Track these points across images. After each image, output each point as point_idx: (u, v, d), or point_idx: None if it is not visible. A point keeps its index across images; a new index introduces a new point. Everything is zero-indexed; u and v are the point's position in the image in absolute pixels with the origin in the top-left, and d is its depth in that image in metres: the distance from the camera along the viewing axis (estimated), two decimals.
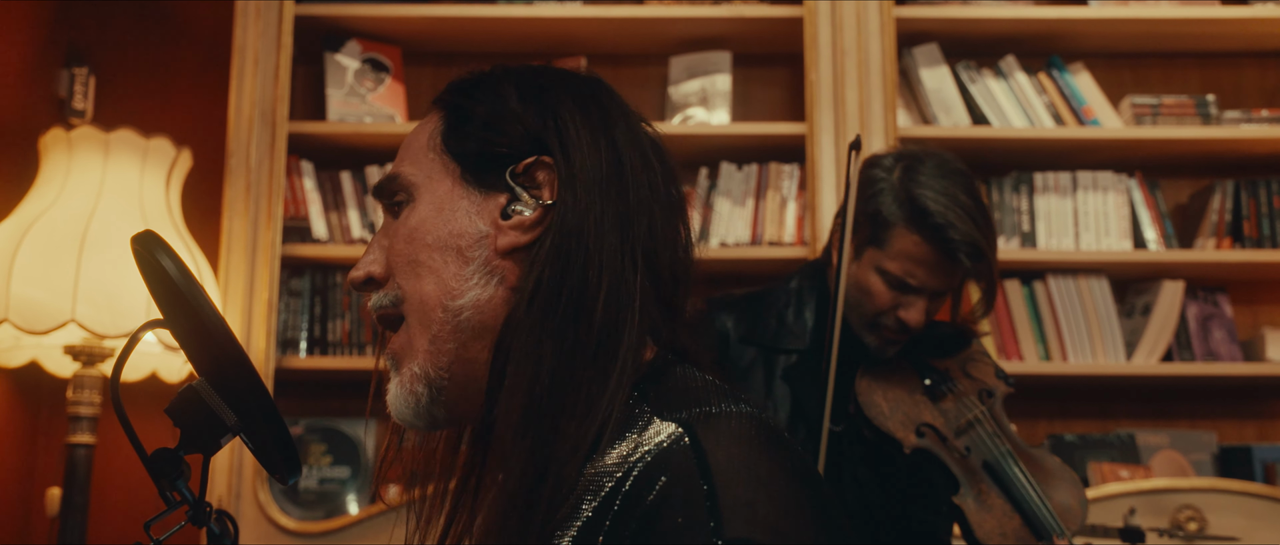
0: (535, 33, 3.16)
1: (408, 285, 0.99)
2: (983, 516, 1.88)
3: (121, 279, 2.61)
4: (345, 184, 3.05)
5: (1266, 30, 3.16)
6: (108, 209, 2.67)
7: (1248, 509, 2.74)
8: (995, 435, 1.94)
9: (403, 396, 1.00)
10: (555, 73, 1.06)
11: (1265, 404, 3.15)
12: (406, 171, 1.03)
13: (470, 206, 0.99)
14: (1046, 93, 3.09)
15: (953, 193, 1.86)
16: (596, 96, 1.04)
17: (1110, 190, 3.05)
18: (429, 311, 0.98)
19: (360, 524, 2.77)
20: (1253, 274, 3.13)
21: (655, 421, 0.90)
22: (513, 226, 0.98)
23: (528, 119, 1.00)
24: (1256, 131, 3.05)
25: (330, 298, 3.02)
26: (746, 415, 0.91)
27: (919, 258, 1.88)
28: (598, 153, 0.99)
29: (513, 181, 0.99)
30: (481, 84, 1.04)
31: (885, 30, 2.96)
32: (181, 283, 0.85)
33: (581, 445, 0.89)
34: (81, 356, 2.67)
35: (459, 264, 0.98)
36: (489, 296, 0.98)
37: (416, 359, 0.99)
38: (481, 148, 1.00)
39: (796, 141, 2.98)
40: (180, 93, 3.27)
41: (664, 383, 0.95)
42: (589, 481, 0.88)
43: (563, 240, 0.95)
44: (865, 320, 1.95)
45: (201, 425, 0.86)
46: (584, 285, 0.94)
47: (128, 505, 3.05)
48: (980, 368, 2.02)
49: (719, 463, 0.85)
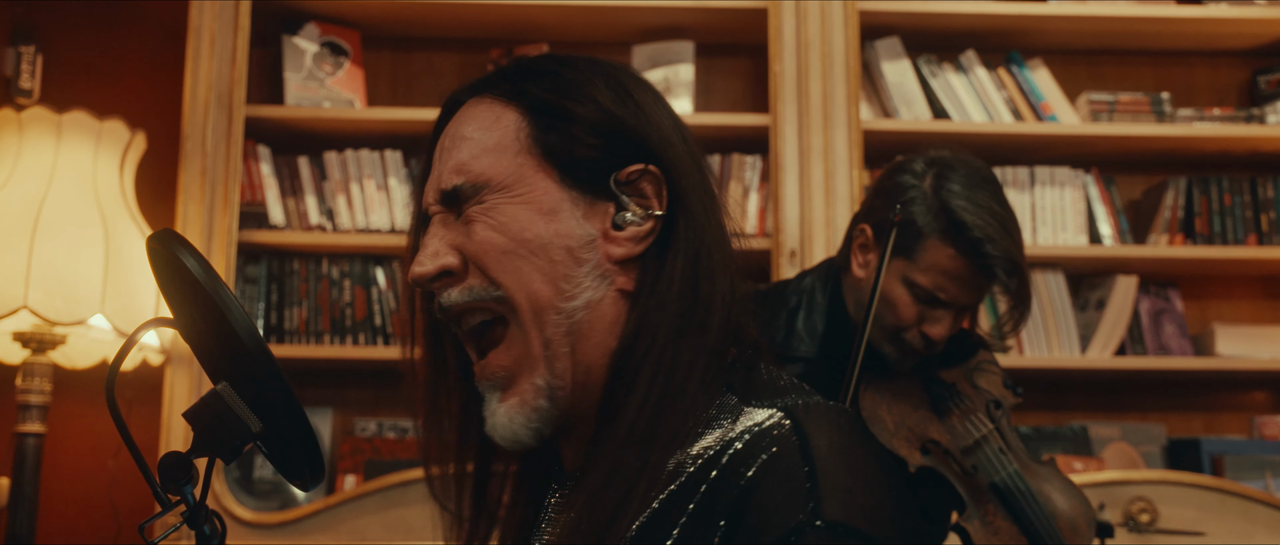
0: (497, 19, 3.13)
1: (509, 281, 0.96)
2: (989, 539, 1.82)
3: (75, 264, 2.55)
4: (303, 169, 3.00)
5: (1219, 30, 3.21)
6: (60, 193, 2.61)
7: (1198, 500, 2.80)
8: (1002, 452, 1.87)
9: (522, 415, 0.97)
10: (630, 75, 1.04)
11: (1213, 397, 3.22)
12: (489, 171, 0.98)
13: (575, 210, 0.97)
14: (1006, 88, 3.12)
15: (988, 204, 1.78)
16: (660, 99, 1.04)
17: (1067, 186, 3.09)
18: (542, 312, 0.96)
19: (317, 515, 2.73)
20: (1203, 270, 3.18)
21: (746, 409, 0.92)
22: (628, 238, 0.98)
23: (624, 123, 0.98)
24: (1209, 130, 3.10)
25: (287, 285, 2.98)
26: (841, 408, 0.94)
27: (952, 272, 1.78)
28: (691, 161, 1.00)
29: (618, 189, 0.98)
30: (564, 80, 1.00)
31: (849, 23, 2.97)
32: (207, 283, 0.83)
33: (680, 433, 0.91)
34: (31, 344, 2.60)
35: (570, 265, 0.96)
36: (601, 298, 0.97)
37: (536, 370, 0.96)
38: (583, 151, 0.98)
39: (759, 133, 2.99)
40: (131, 74, 3.19)
41: (750, 378, 0.97)
42: (681, 461, 0.91)
43: (692, 254, 0.96)
44: (886, 332, 1.85)
45: (224, 431, 0.84)
46: (711, 302, 0.96)
47: (78, 496, 2.99)
48: (988, 378, 1.94)
49: (820, 447, 0.87)
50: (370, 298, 2.98)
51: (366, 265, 3.00)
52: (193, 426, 0.84)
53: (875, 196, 1.90)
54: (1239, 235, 3.11)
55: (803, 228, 2.87)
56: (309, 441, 0.86)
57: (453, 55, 3.26)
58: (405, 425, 3.04)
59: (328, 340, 2.95)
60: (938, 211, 1.78)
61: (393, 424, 3.04)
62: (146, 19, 3.22)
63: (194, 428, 0.84)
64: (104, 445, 2.99)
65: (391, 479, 2.73)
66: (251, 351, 0.83)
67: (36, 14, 3.17)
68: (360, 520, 2.73)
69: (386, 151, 3.02)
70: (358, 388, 3.11)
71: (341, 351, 2.93)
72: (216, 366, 0.88)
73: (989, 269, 1.77)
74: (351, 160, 3.00)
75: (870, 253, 1.87)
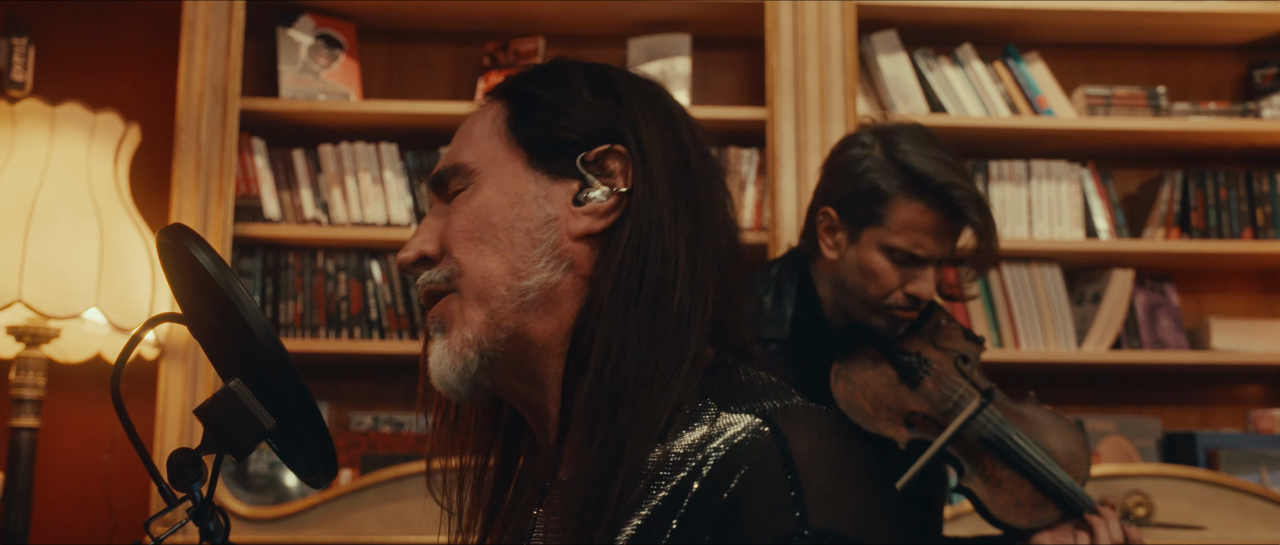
0: (492, 12, 3.12)
1: (467, 260, 0.99)
2: (993, 492, 1.85)
3: (69, 258, 2.53)
4: (298, 162, 2.99)
5: (1214, 24, 3.21)
6: (54, 186, 2.60)
7: (1193, 494, 2.80)
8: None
9: (449, 359, 0.98)
10: (617, 70, 1.06)
11: (1208, 391, 3.22)
12: (468, 157, 1.02)
13: (538, 190, 0.99)
14: (1002, 82, 3.12)
15: (939, 155, 1.84)
16: (659, 95, 1.05)
17: (1064, 179, 3.09)
18: (491, 287, 0.98)
19: (313, 509, 2.72)
20: (1199, 264, 3.19)
21: (723, 414, 0.91)
22: (587, 212, 0.98)
23: (598, 108, 1.00)
24: (1205, 124, 3.11)
25: (282, 278, 2.96)
26: (820, 410, 0.93)
27: (925, 225, 1.83)
28: (668, 146, 0.99)
29: (583, 168, 0.99)
30: (547, 74, 1.05)
31: (846, 16, 2.97)
32: (221, 279, 0.82)
33: (654, 431, 0.90)
34: (25, 337, 2.59)
35: (527, 245, 0.98)
36: (557, 280, 0.98)
37: (469, 326, 0.98)
38: (550, 132, 1.00)
39: (756, 126, 2.98)
40: (125, 65, 3.17)
41: (728, 379, 0.95)
42: (658, 467, 0.89)
43: (643, 229, 0.96)
44: (871, 305, 1.88)
45: (237, 428, 0.83)
46: (663, 274, 0.95)
47: (73, 490, 2.97)
48: (949, 336, 1.97)
49: (802, 452, 0.86)
50: (366, 291, 2.97)
51: (362, 259, 2.99)
52: (204, 423, 0.83)
53: (829, 177, 1.95)
54: (1235, 229, 3.12)
55: (800, 222, 2.84)
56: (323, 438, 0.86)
57: (448, 48, 3.25)
58: (401, 419, 3.03)
59: (323, 334, 2.94)
60: (897, 172, 1.84)
61: (388, 418, 3.03)
62: (140, 11, 3.20)
63: (205, 424, 0.83)
64: (98, 439, 2.97)
65: (387, 473, 2.72)
66: (266, 348, 0.82)
67: (28, 5, 3.15)
68: (356, 514, 2.72)
69: (382, 145, 3.01)
70: (353, 382, 3.10)
71: (337, 345, 2.92)
72: (228, 363, 0.88)
73: (959, 212, 1.83)
74: (347, 153, 2.99)
75: (838, 233, 1.90)
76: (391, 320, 2.96)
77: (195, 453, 0.83)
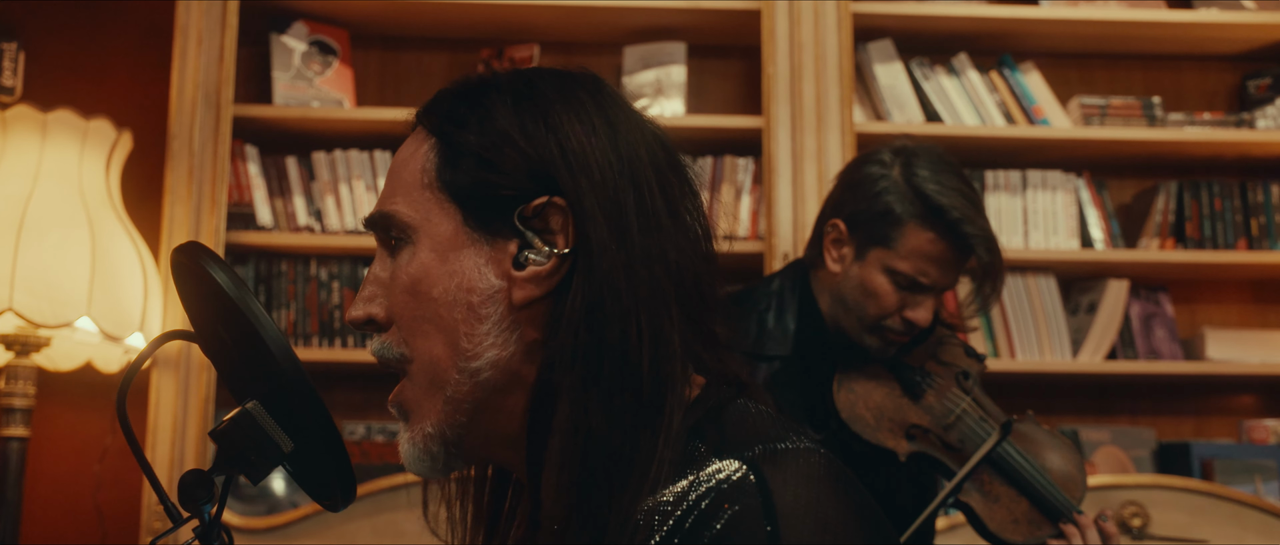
0: (487, 19, 3.10)
1: (415, 343, 0.92)
2: (991, 508, 1.85)
3: (61, 266, 2.51)
4: (291, 170, 2.97)
5: (1209, 34, 3.21)
6: (46, 193, 2.57)
7: (1189, 505, 2.80)
8: (983, 421, 1.91)
9: (417, 454, 0.93)
10: (547, 79, 0.96)
11: (1203, 401, 3.22)
12: (401, 211, 0.94)
13: (477, 256, 0.91)
14: (998, 91, 3.12)
15: (958, 186, 1.83)
16: (598, 103, 0.94)
17: (1059, 189, 3.09)
18: (442, 373, 0.91)
19: (305, 520, 2.70)
20: (1194, 274, 3.19)
21: (713, 461, 0.85)
22: (528, 279, 0.90)
23: (530, 149, 0.91)
24: (1200, 134, 3.11)
25: (275, 287, 2.94)
26: (813, 452, 0.87)
27: (933, 255, 1.82)
28: (612, 180, 0.90)
29: (522, 225, 0.91)
30: (475, 106, 0.94)
31: (842, 25, 2.96)
32: (238, 298, 0.80)
33: (638, 498, 0.84)
34: (15, 346, 2.56)
35: (471, 322, 0.90)
36: (510, 353, 0.91)
37: (429, 418, 0.92)
38: (483, 189, 0.91)
39: (752, 135, 2.97)
40: (116, 71, 3.15)
41: (721, 419, 0.89)
42: (646, 519, 0.83)
43: (592, 294, 0.87)
44: (867, 324, 1.88)
45: (254, 450, 0.81)
46: (624, 341, 0.86)
47: (62, 500, 2.94)
48: (950, 351, 1.97)
49: (785, 504, 0.81)
50: None
51: (355, 267, 2.97)
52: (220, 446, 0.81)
53: (844, 189, 1.93)
54: (1229, 240, 3.12)
55: (796, 231, 2.85)
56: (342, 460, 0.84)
57: (442, 55, 3.23)
58: (394, 429, 3.01)
59: (316, 342, 2.92)
60: (913, 197, 1.82)
61: (382, 428, 3.01)
62: (131, 16, 3.17)
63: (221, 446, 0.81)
64: (89, 449, 2.94)
65: (381, 483, 2.70)
66: (285, 369, 0.80)
67: (18, 10, 3.12)
68: (349, 525, 2.70)
69: (375, 152, 2.99)
70: (346, 391, 3.07)
71: (330, 354, 2.90)
72: (243, 383, 0.86)
73: (968, 249, 1.83)
74: (340, 160, 2.97)
75: (845, 247, 1.89)
76: None
77: (208, 474, 0.81)
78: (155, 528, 2.67)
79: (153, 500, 2.68)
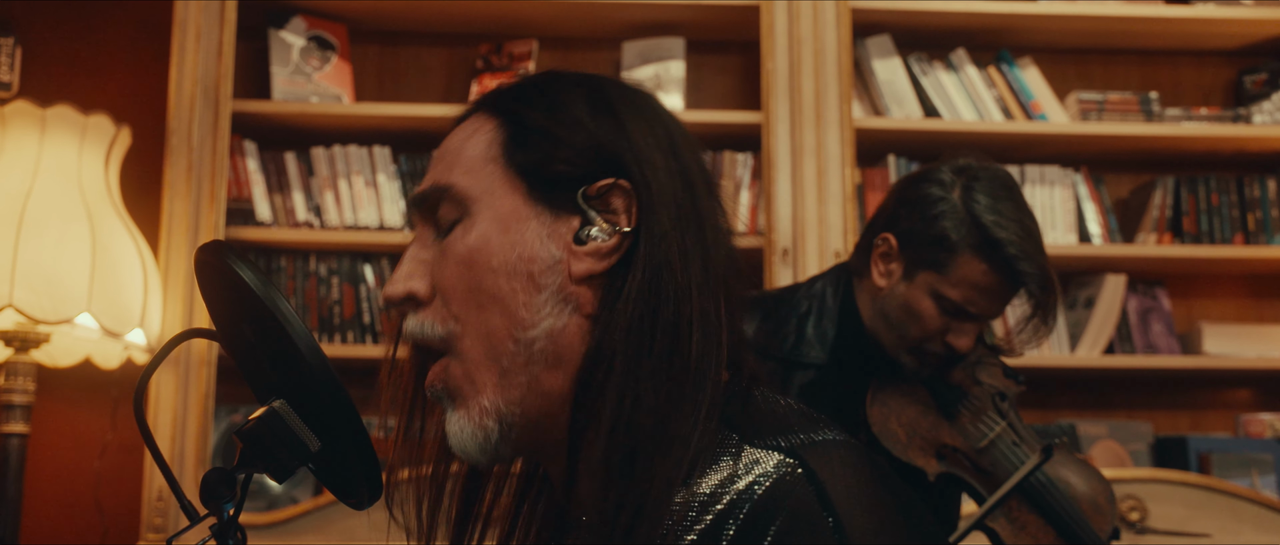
0: (486, 14, 3.10)
1: (468, 316, 0.92)
2: (1016, 534, 1.82)
3: (61, 262, 2.50)
4: (290, 165, 2.96)
5: (1206, 30, 3.22)
6: (45, 189, 2.56)
7: (1186, 498, 2.81)
8: (1016, 446, 1.87)
9: (470, 432, 0.93)
10: (609, 82, 1.00)
11: (1200, 395, 3.24)
12: (461, 182, 0.95)
13: (540, 228, 0.93)
14: (996, 86, 3.12)
15: (1017, 216, 1.76)
16: (657, 112, 0.98)
17: (1057, 184, 3.10)
18: (498, 343, 0.92)
19: (306, 515, 2.70)
20: (1191, 269, 3.20)
21: (748, 449, 0.86)
22: (589, 253, 0.92)
23: (600, 135, 0.94)
24: (1197, 129, 3.12)
25: (274, 282, 2.93)
26: (848, 444, 0.88)
27: (984, 286, 1.76)
28: (672, 176, 0.94)
29: (585, 203, 0.93)
30: (544, 93, 0.97)
31: (840, 20, 2.97)
32: (266, 296, 0.80)
33: (675, 480, 0.85)
34: (15, 342, 2.56)
35: (530, 292, 0.91)
36: (563, 325, 0.92)
37: (484, 393, 0.92)
38: (552, 164, 0.94)
39: (751, 130, 2.97)
40: (114, 66, 3.14)
41: (747, 409, 0.91)
42: (684, 509, 0.84)
43: (651, 273, 0.90)
44: (906, 343, 1.83)
45: (280, 449, 0.81)
46: (677, 321, 0.89)
47: (62, 496, 2.94)
48: (989, 371, 1.93)
49: (839, 494, 0.82)
50: (358, 295, 2.95)
51: (355, 262, 2.97)
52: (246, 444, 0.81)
53: (899, 205, 1.86)
54: (1226, 234, 3.13)
55: (795, 226, 2.86)
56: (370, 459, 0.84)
57: (441, 50, 3.23)
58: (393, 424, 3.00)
59: (316, 338, 2.91)
60: (971, 226, 1.76)
61: (382, 423, 3.01)
62: (129, 11, 3.16)
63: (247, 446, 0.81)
64: (88, 445, 2.94)
65: None
66: (314, 368, 0.80)
67: (13, 5, 3.11)
68: (349, 521, 2.70)
69: (375, 147, 2.99)
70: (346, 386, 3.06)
71: (329, 350, 2.89)
72: (268, 383, 0.86)
73: (1021, 284, 1.77)
74: (339, 156, 2.97)
75: (893, 262, 1.83)
76: (385, 324, 2.94)
77: (230, 472, 0.81)
78: (156, 524, 2.67)
79: (153, 496, 2.67)
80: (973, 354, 1.91)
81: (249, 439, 0.81)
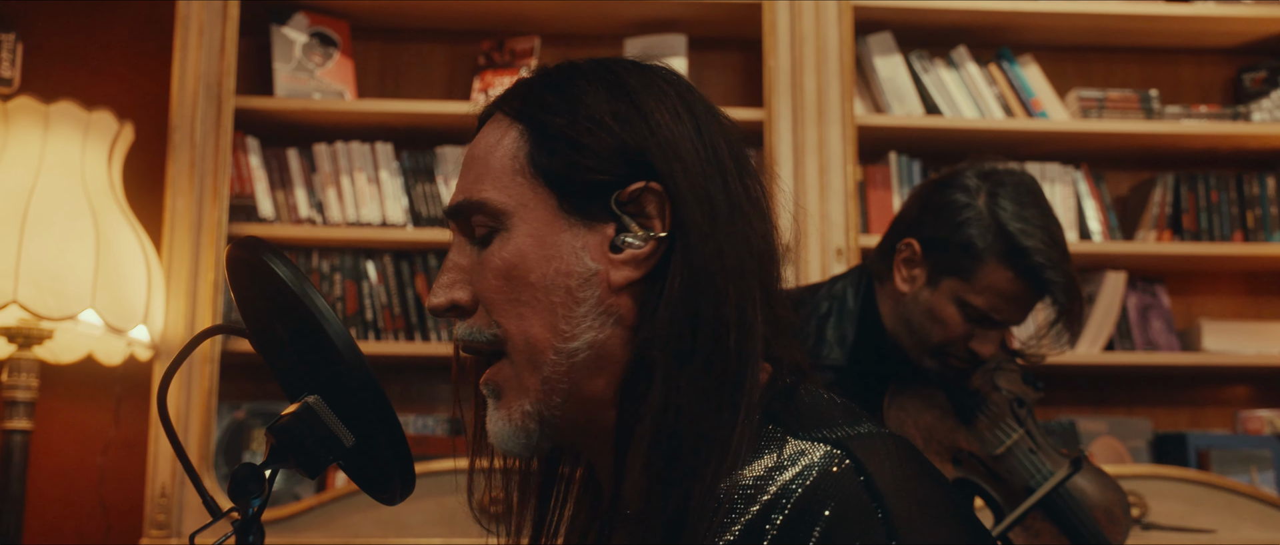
0: (487, 11, 3.10)
1: (510, 325, 0.93)
2: (1032, 543, 1.81)
3: (65, 259, 2.50)
4: (292, 162, 2.96)
5: (1205, 28, 3.23)
6: (49, 185, 2.56)
7: (1186, 495, 2.82)
8: (1033, 453, 1.86)
9: (511, 431, 0.94)
10: (630, 68, 0.97)
11: (1199, 392, 3.25)
12: (493, 197, 0.94)
13: (574, 240, 0.92)
14: (996, 84, 3.13)
15: (1044, 224, 1.75)
16: (685, 99, 0.95)
17: (1057, 182, 3.10)
18: (539, 354, 0.92)
19: (310, 512, 2.70)
20: (1190, 266, 3.21)
21: (792, 441, 0.87)
22: (626, 262, 0.92)
23: (623, 132, 0.92)
24: (1196, 127, 3.13)
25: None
26: (894, 437, 0.89)
27: (1009, 294, 1.75)
28: (700, 166, 0.92)
29: (619, 209, 0.92)
30: (563, 93, 0.95)
31: (842, 18, 2.97)
32: (301, 291, 0.80)
33: (719, 476, 0.85)
34: (18, 338, 2.56)
35: (569, 305, 0.91)
36: (605, 336, 0.92)
37: (528, 397, 0.93)
38: (580, 173, 0.92)
39: (753, 127, 2.98)
40: (116, 63, 3.13)
41: (791, 403, 0.91)
42: (728, 500, 0.85)
43: (690, 278, 0.89)
44: (928, 348, 1.82)
45: (314, 445, 0.82)
46: (716, 325, 0.88)
47: (65, 492, 2.94)
48: (1008, 377, 1.92)
49: (887, 486, 0.82)
50: (361, 292, 2.95)
51: (357, 259, 2.97)
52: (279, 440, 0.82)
53: (923, 210, 1.84)
54: (1225, 232, 3.15)
55: (797, 223, 2.86)
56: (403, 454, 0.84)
57: (443, 47, 3.23)
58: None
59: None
60: (996, 233, 1.74)
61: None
62: (131, 8, 3.16)
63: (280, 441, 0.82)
64: (91, 441, 2.94)
65: None
66: (350, 363, 0.80)
67: (16, 1, 3.11)
68: (353, 518, 2.70)
69: (377, 144, 2.99)
70: None
71: None
72: (299, 378, 0.86)
73: (1046, 292, 1.76)
74: (342, 152, 2.97)
75: (916, 268, 1.82)
76: (387, 321, 2.94)
77: (261, 468, 0.81)
78: (159, 520, 2.67)
79: (156, 492, 2.67)
80: (992, 359, 1.90)
81: (283, 434, 0.81)
